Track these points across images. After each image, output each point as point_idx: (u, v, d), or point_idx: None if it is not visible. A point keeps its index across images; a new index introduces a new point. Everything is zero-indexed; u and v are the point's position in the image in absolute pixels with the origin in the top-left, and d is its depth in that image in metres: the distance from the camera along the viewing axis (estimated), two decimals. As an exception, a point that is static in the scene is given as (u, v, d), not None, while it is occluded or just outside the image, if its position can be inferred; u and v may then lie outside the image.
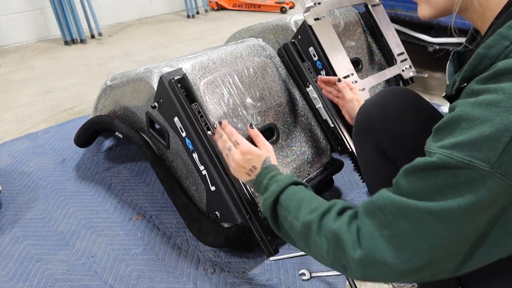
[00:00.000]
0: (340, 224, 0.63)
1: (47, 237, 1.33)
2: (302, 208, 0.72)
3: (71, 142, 1.81)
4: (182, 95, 1.09)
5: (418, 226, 0.54)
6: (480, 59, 0.56)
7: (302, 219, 0.70)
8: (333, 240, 0.63)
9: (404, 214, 0.55)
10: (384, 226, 0.57)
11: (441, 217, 0.52)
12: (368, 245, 0.58)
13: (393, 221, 0.56)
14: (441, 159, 0.52)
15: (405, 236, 0.55)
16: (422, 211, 0.53)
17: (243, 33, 1.88)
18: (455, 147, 0.51)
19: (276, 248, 1.04)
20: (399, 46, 1.80)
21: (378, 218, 0.58)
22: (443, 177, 0.52)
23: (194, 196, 1.21)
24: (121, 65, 3.06)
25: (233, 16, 4.67)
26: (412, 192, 0.55)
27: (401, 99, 0.82)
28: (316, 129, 1.38)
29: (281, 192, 0.78)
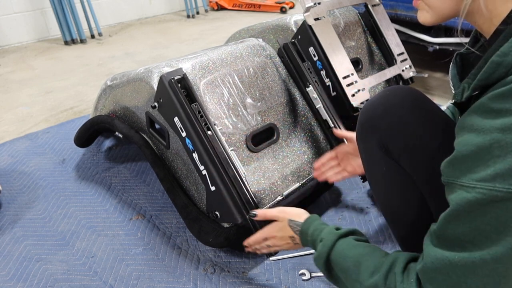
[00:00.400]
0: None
1: (47, 237, 1.33)
2: (360, 269, 0.69)
3: (71, 142, 1.81)
4: (182, 95, 1.09)
5: (491, 278, 0.51)
6: (495, 68, 0.53)
7: (365, 283, 0.67)
8: None
9: (472, 271, 0.52)
10: None
11: (509, 260, 0.50)
12: None
13: (462, 280, 0.53)
14: (485, 194, 0.49)
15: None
16: (489, 262, 0.50)
17: (243, 33, 1.88)
18: (496, 178, 0.48)
19: (276, 248, 1.04)
20: (399, 46, 1.81)
21: (444, 284, 0.55)
22: (493, 213, 0.49)
23: (194, 196, 1.21)
24: (121, 65, 3.06)
25: (233, 16, 4.67)
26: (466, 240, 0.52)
27: (405, 98, 0.82)
28: (316, 129, 1.38)
29: (329, 252, 0.76)
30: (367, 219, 1.33)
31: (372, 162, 0.88)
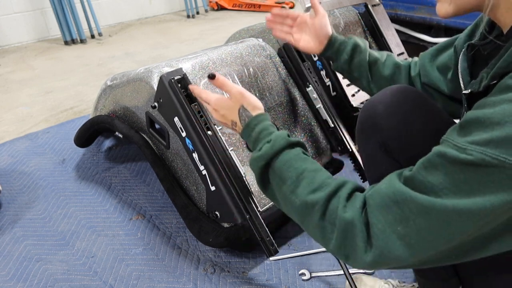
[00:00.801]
0: (352, 214, 0.60)
1: (47, 237, 1.32)
2: (302, 182, 0.67)
3: (71, 142, 1.80)
4: (182, 95, 1.09)
5: (441, 224, 0.52)
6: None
7: (303, 197, 0.66)
8: (342, 230, 0.60)
9: (427, 212, 0.53)
10: (399, 222, 0.55)
11: (468, 215, 0.50)
12: (381, 244, 0.56)
13: (411, 217, 0.54)
14: (474, 156, 0.49)
15: (423, 233, 0.53)
16: (448, 209, 0.51)
17: (243, 33, 1.88)
18: (489, 144, 0.48)
19: (276, 248, 1.04)
20: (399, 46, 1.80)
21: (392, 214, 0.56)
22: (474, 174, 0.49)
23: (194, 196, 1.21)
24: (121, 65, 3.06)
25: (233, 16, 4.67)
26: (435, 187, 0.52)
27: (406, 97, 0.82)
28: (316, 129, 1.38)
29: (274, 157, 0.73)
30: (367, 219, 1.33)
31: (372, 161, 0.88)
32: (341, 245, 0.61)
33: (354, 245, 0.59)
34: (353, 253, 0.59)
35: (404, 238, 0.55)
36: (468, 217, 0.50)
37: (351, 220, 0.60)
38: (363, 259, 0.58)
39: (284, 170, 0.71)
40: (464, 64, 0.70)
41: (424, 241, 0.54)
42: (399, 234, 0.55)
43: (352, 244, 0.59)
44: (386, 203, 0.57)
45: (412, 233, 0.54)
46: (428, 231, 0.53)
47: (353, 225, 0.59)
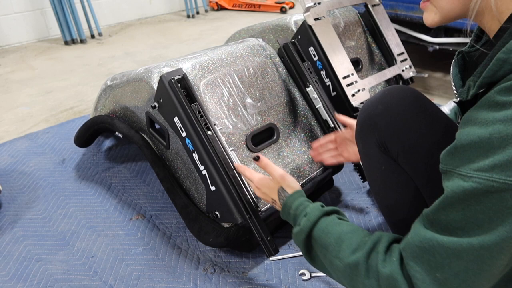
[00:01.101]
0: (391, 269, 0.60)
1: (47, 237, 1.33)
2: (342, 246, 0.69)
3: (71, 142, 1.81)
4: (182, 95, 1.09)
5: (474, 264, 0.52)
6: (500, 65, 0.54)
7: (346, 260, 0.67)
8: (386, 285, 0.61)
9: (457, 255, 0.53)
10: (436, 270, 0.55)
11: (497, 249, 0.50)
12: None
13: (445, 262, 0.54)
14: (481, 184, 0.49)
15: (462, 275, 0.53)
16: (476, 248, 0.51)
17: (243, 33, 1.88)
18: (494, 169, 0.48)
19: (276, 248, 1.04)
20: (399, 46, 1.81)
21: (427, 262, 0.56)
22: (488, 203, 0.49)
23: (194, 196, 1.21)
24: (121, 65, 3.06)
25: (233, 16, 4.67)
26: (457, 224, 0.53)
27: (404, 97, 0.82)
28: (316, 129, 1.38)
29: (313, 227, 0.76)
30: (367, 219, 1.33)
31: (370, 160, 0.89)
32: None
33: None
34: None
35: (445, 283, 0.54)
36: (497, 250, 0.50)
37: (390, 275, 0.60)
38: None
39: (323, 237, 0.73)
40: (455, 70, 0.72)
41: (465, 282, 0.53)
42: (439, 281, 0.55)
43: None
44: (417, 253, 0.57)
45: (451, 277, 0.54)
46: (466, 272, 0.53)
47: (394, 280, 0.59)
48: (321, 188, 1.39)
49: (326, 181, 1.37)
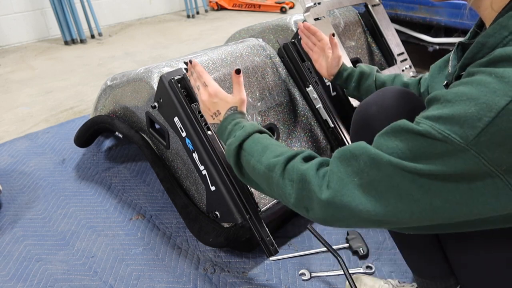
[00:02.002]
0: (308, 166, 0.66)
1: (47, 237, 1.33)
2: (266, 152, 0.74)
3: (71, 142, 1.81)
4: (182, 95, 1.09)
5: (388, 179, 0.56)
6: (479, 47, 0.57)
7: (266, 162, 0.72)
8: (298, 181, 0.65)
9: (377, 165, 0.57)
10: (356, 174, 0.59)
11: (409, 175, 0.54)
12: (337, 187, 0.60)
13: (366, 170, 0.58)
14: (424, 128, 0.54)
15: (374, 185, 0.57)
16: (393, 165, 0.55)
17: (243, 33, 1.88)
18: (438, 120, 0.53)
19: (276, 248, 1.04)
20: (399, 46, 1.80)
21: (351, 166, 0.60)
22: (421, 143, 0.54)
23: (194, 196, 1.21)
24: (121, 65, 3.06)
25: (233, 16, 4.67)
26: (389, 149, 0.57)
27: (398, 98, 0.83)
28: (316, 129, 1.38)
29: (246, 138, 0.80)
30: (367, 219, 1.33)
31: None
32: (300, 197, 0.66)
33: (310, 191, 0.63)
34: (310, 200, 0.63)
35: (359, 187, 0.59)
36: (410, 179, 0.55)
37: (305, 170, 0.65)
38: (319, 198, 0.61)
39: (252, 146, 0.78)
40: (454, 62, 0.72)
41: (376, 192, 0.57)
42: (355, 184, 0.59)
43: (309, 190, 0.63)
44: (347, 156, 0.62)
45: (366, 184, 0.58)
46: (378, 183, 0.57)
47: (308, 174, 0.64)
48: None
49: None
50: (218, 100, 0.92)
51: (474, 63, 0.56)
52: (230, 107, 0.91)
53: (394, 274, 1.11)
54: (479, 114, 0.49)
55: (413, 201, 0.56)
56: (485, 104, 0.49)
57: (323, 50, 1.19)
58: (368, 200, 0.58)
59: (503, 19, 0.55)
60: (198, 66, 0.99)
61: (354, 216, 0.60)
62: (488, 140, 0.49)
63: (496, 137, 0.49)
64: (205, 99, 0.94)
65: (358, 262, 1.16)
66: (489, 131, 0.49)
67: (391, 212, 0.57)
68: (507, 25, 0.54)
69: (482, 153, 0.50)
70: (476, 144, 0.50)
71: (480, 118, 0.49)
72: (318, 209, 0.63)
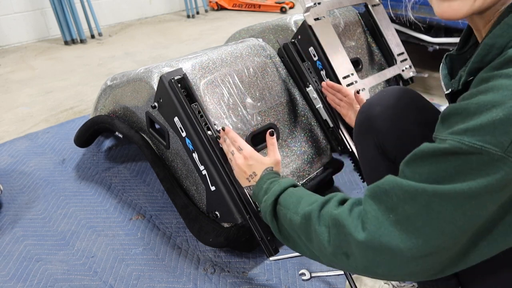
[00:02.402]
0: (341, 210, 0.63)
1: (47, 237, 1.33)
2: (301, 202, 0.73)
3: (71, 142, 1.81)
4: (182, 95, 1.09)
5: (425, 209, 0.52)
6: (488, 49, 0.54)
7: (302, 212, 0.70)
8: (334, 226, 0.62)
9: (411, 197, 0.54)
10: (391, 210, 0.56)
11: (449, 200, 0.51)
12: (373, 228, 0.57)
13: (400, 205, 0.55)
14: (451, 145, 0.50)
15: (412, 220, 0.54)
16: (429, 194, 0.52)
17: (243, 33, 1.88)
18: (466, 133, 0.50)
19: (276, 248, 1.04)
20: (399, 46, 1.80)
21: (384, 203, 0.57)
22: (454, 162, 0.51)
23: (194, 196, 1.21)
24: (121, 65, 3.06)
25: (233, 16, 4.67)
26: (420, 177, 0.54)
27: (402, 98, 0.83)
28: (316, 129, 1.38)
29: (281, 193, 0.79)
30: (367, 219, 1.33)
31: (368, 161, 0.89)
32: (337, 243, 0.62)
33: (347, 234, 0.60)
34: (348, 244, 0.60)
35: (396, 225, 0.55)
36: (449, 202, 0.51)
37: (339, 214, 0.62)
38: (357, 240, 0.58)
39: (288, 199, 0.77)
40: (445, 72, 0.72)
41: (414, 228, 0.54)
42: (391, 221, 0.56)
43: (345, 234, 0.60)
44: (378, 193, 0.58)
45: (402, 220, 0.55)
46: (416, 217, 0.53)
47: (342, 218, 0.61)
48: (321, 188, 1.39)
49: (326, 181, 1.37)
50: (254, 162, 0.93)
51: (487, 68, 0.53)
52: (266, 167, 0.91)
53: (394, 274, 1.11)
54: (509, 119, 0.47)
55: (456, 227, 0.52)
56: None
57: (351, 105, 1.24)
58: (408, 238, 0.54)
59: (509, 18, 0.54)
60: (231, 133, 1.01)
61: (396, 257, 0.55)
62: None
63: None
64: (240, 162, 0.95)
65: (358, 262, 1.16)
66: None
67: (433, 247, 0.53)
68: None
69: None
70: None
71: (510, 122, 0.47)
72: (358, 253, 0.59)
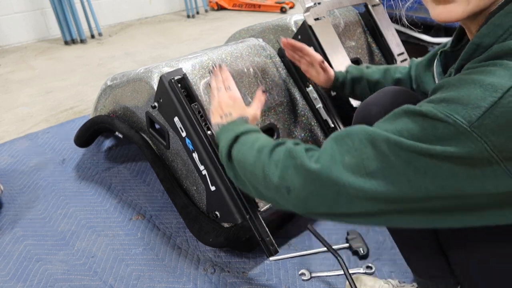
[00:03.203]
0: (299, 147, 0.65)
1: (47, 237, 1.33)
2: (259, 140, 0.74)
3: (71, 142, 1.81)
4: (182, 95, 1.09)
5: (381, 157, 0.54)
6: (475, 48, 0.56)
7: (256, 147, 0.72)
8: (286, 158, 0.64)
9: (372, 142, 0.55)
10: (348, 152, 0.57)
11: (406, 154, 0.52)
12: (326, 164, 0.58)
13: (359, 147, 0.56)
14: (425, 108, 0.52)
15: (366, 163, 0.55)
16: (390, 143, 0.53)
17: (243, 33, 1.88)
18: (441, 101, 0.52)
19: (276, 248, 1.04)
20: (399, 46, 1.80)
21: (345, 145, 0.58)
22: (422, 124, 0.52)
23: (194, 196, 1.21)
24: (121, 65, 3.06)
25: (233, 16, 4.67)
26: (387, 129, 0.55)
27: (399, 98, 0.83)
28: (316, 129, 1.38)
29: (242, 133, 0.80)
30: (367, 219, 1.33)
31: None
32: (283, 174, 0.63)
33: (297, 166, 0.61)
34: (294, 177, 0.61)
35: (349, 166, 0.57)
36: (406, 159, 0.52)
37: (295, 147, 0.64)
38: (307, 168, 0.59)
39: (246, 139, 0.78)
40: (439, 69, 0.73)
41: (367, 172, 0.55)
42: (345, 163, 0.57)
43: (295, 166, 0.62)
44: (342, 135, 0.60)
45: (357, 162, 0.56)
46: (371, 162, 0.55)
47: (296, 151, 0.63)
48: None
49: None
50: (235, 104, 0.92)
51: (472, 61, 0.55)
52: (244, 116, 0.90)
53: (394, 274, 1.11)
54: (484, 94, 0.48)
55: (405, 182, 0.53)
56: (491, 86, 0.48)
57: (312, 64, 1.17)
58: (356, 179, 0.55)
59: (495, 18, 0.55)
60: (226, 72, 1.00)
61: (341, 195, 0.57)
62: (492, 123, 0.47)
63: (501, 120, 0.46)
64: (223, 99, 0.93)
65: (358, 262, 1.16)
66: (493, 112, 0.47)
67: (381, 193, 0.54)
68: (501, 23, 0.54)
69: (485, 136, 0.47)
70: (479, 127, 0.47)
71: (484, 98, 0.48)
72: (301, 186, 0.60)
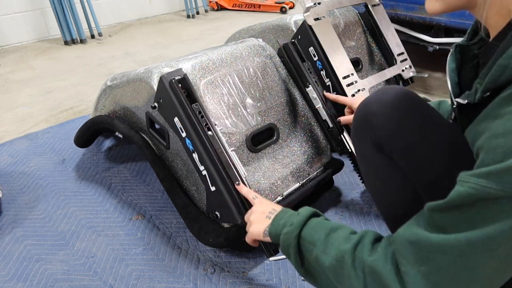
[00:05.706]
0: (376, 257, 0.62)
1: (47, 237, 1.33)
2: (329, 240, 0.70)
3: (71, 142, 1.81)
4: (183, 95, 1.09)
5: (459, 260, 0.52)
6: (502, 70, 0.54)
7: (333, 253, 0.68)
8: (369, 274, 0.62)
9: (443, 250, 0.53)
10: (421, 263, 0.55)
11: (482, 246, 0.50)
12: (409, 282, 0.56)
13: (430, 256, 0.54)
14: (476, 189, 0.50)
15: (446, 271, 0.53)
16: (462, 243, 0.51)
17: (243, 33, 1.88)
18: (489, 176, 0.49)
19: (276, 248, 1.04)
20: (399, 46, 1.80)
21: (413, 255, 0.56)
22: (481, 207, 0.50)
23: (194, 196, 1.21)
24: (121, 65, 3.06)
25: (233, 16, 4.67)
26: (449, 225, 0.53)
27: (398, 96, 0.83)
28: (316, 129, 1.38)
29: (303, 225, 0.77)
30: (367, 219, 1.33)
31: (366, 159, 0.89)
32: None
33: (386, 285, 0.59)
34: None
35: (428, 277, 0.55)
36: (483, 247, 0.50)
37: (375, 263, 0.61)
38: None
39: (312, 234, 0.74)
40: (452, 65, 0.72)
41: (448, 278, 0.54)
42: (423, 274, 0.55)
43: (384, 285, 0.60)
44: (405, 245, 0.58)
45: (434, 271, 0.54)
46: (448, 268, 0.53)
47: (378, 268, 0.60)
48: (321, 188, 1.39)
49: (326, 181, 1.37)
50: (270, 204, 0.94)
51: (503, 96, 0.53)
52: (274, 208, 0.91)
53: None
54: None
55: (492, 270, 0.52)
56: None
57: None
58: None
59: None
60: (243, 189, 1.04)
61: None
62: None
63: None
64: (263, 200, 0.97)
65: (358, 262, 1.16)
66: None
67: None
68: None
69: None
70: None
71: None
72: None
